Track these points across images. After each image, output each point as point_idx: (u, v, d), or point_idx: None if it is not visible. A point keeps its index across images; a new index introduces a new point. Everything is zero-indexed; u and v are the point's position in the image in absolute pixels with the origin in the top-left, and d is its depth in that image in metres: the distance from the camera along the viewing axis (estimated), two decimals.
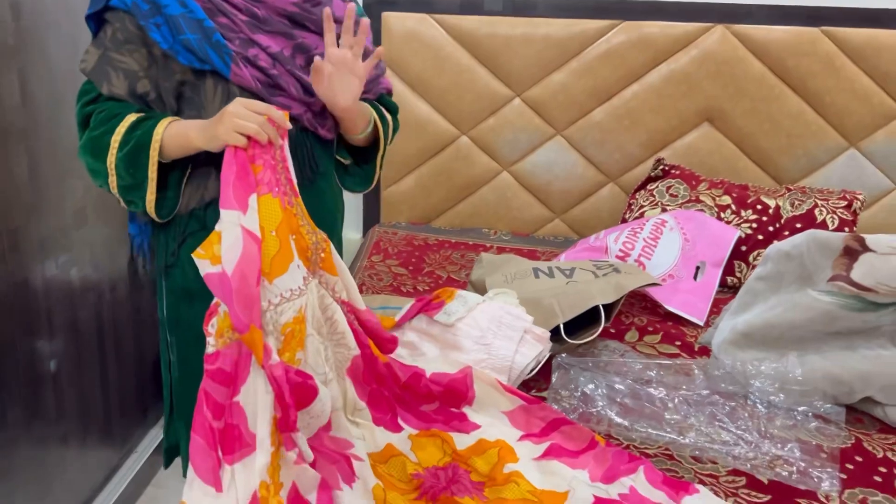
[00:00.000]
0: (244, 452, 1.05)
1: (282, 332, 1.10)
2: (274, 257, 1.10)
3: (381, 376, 1.26)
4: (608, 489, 1.17)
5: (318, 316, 1.18)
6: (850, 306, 1.46)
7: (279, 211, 1.11)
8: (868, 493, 1.24)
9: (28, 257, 1.56)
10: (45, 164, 1.60)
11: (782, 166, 2.35)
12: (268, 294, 1.10)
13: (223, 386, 1.06)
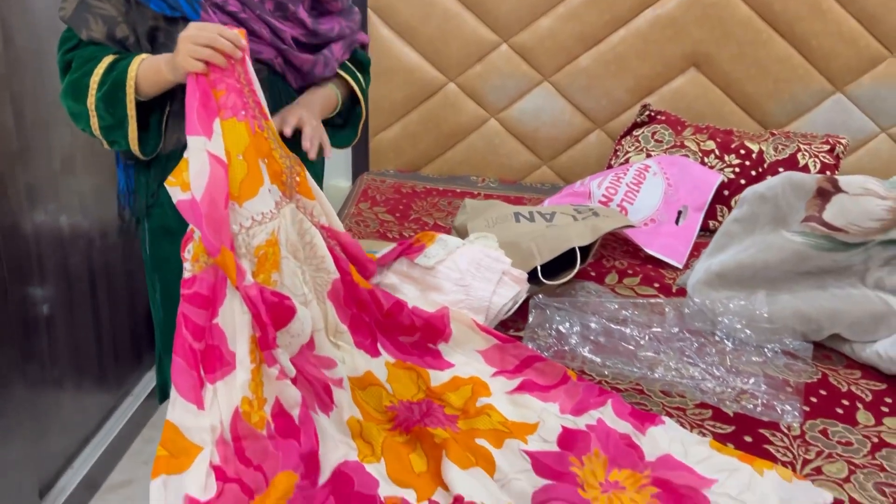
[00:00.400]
0: (225, 371, 1.08)
1: (255, 254, 1.12)
2: (242, 181, 1.11)
3: (363, 302, 1.29)
4: (576, 420, 1.21)
5: (293, 240, 1.20)
6: (822, 246, 1.49)
7: (245, 135, 1.12)
8: (829, 423, 1.29)
9: (16, 204, 1.59)
10: (29, 111, 1.61)
11: (768, 111, 2.36)
12: (238, 218, 1.11)
13: (201, 309, 1.09)
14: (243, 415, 1.06)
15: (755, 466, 1.14)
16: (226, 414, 1.06)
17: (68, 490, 1.79)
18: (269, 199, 1.15)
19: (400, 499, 1.05)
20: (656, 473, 1.12)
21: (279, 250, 1.16)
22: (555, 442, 1.17)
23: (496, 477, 1.08)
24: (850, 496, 1.12)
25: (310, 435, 1.09)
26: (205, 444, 1.04)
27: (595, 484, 1.10)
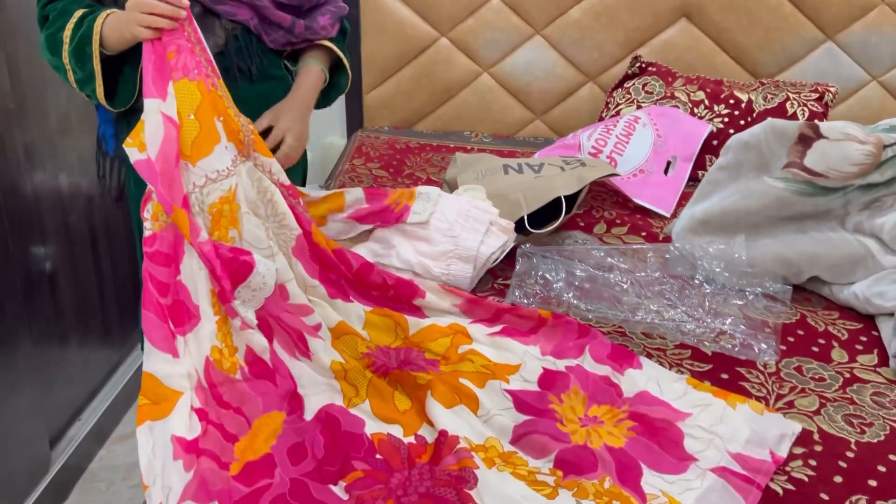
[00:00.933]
0: (192, 324, 1.13)
1: (209, 211, 1.15)
2: (195, 140, 1.14)
3: (327, 261, 1.31)
4: (556, 362, 1.26)
5: (252, 198, 1.22)
6: (803, 192, 1.52)
7: (198, 94, 1.14)
8: (804, 361, 1.34)
9: (14, 164, 1.63)
10: (24, 72, 1.64)
11: (759, 61, 2.36)
12: (192, 177, 1.14)
13: (164, 266, 1.13)
14: (215, 363, 1.11)
15: (728, 401, 1.18)
16: (198, 363, 1.11)
17: (77, 440, 1.86)
18: (225, 157, 1.17)
19: (386, 434, 1.10)
20: (633, 408, 1.17)
21: (237, 206, 1.18)
22: (535, 382, 1.22)
23: (479, 413, 1.13)
24: (820, 427, 1.17)
25: (285, 376, 1.14)
26: (184, 389, 1.09)
27: (574, 419, 1.15)
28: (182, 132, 1.13)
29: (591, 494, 1.02)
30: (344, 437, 1.09)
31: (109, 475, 1.89)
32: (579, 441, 1.10)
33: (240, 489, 1.01)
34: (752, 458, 1.08)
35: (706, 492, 1.03)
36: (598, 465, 1.06)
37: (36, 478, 1.73)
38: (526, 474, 1.04)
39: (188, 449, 1.04)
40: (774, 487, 1.05)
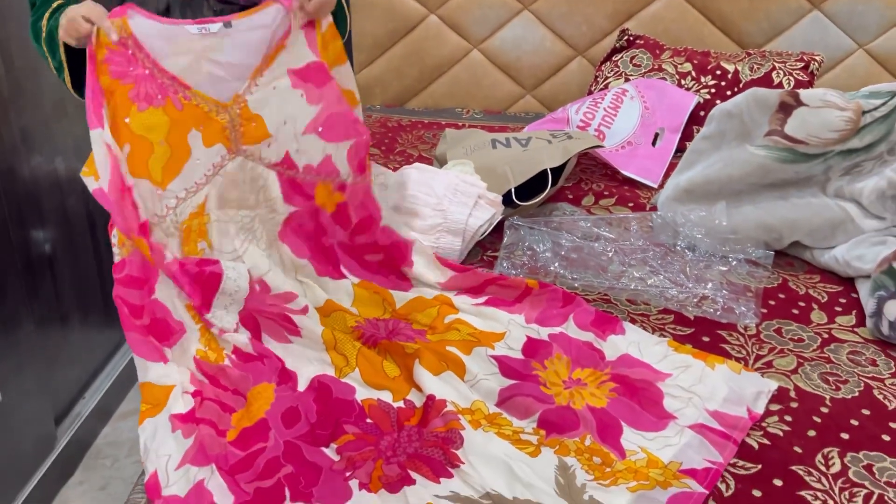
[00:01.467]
0: (176, 338, 1.19)
1: (181, 230, 1.20)
2: (165, 165, 1.17)
3: (325, 227, 1.33)
4: (540, 330, 1.30)
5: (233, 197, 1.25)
6: (784, 158, 1.55)
7: (165, 118, 1.16)
8: (784, 323, 1.37)
9: (11, 149, 1.66)
10: (17, 57, 1.66)
11: (745, 31, 2.38)
12: (164, 200, 1.18)
13: (136, 289, 1.18)
14: (202, 359, 1.17)
15: (707, 362, 1.23)
16: (189, 363, 1.18)
17: (81, 418, 1.90)
18: (197, 170, 1.20)
19: (376, 400, 1.15)
20: (615, 371, 1.21)
21: (205, 219, 1.22)
22: (519, 350, 1.26)
23: (466, 378, 1.17)
24: (797, 385, 1.21)
25: (271, 357, 1.19)
26: (176, 382, 1.16)
27: (558, 381, 1.19)
28: (153, 159, 1.16)
29: (573, 451, 1.06)
30: (336, 403, 1.14)
31: (114, 451, 1.94)
32: (563, 402, 1.15)
33: (236, 453, 1.05)
34: (728, 416, 1.12)
35: (684, 447, 1.07)
36: (580, 424, 1.11)
37: (42, 455, 1.77)
38: (510, 434, 1.08)
39: (185, 419, 1.10)
40: (750, 442, 1.10)
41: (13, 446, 1.66)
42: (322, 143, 1.31)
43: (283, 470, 1.04)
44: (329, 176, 1.33)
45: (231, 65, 1.24)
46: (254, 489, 1.02)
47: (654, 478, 1.02)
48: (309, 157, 1.31)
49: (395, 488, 1.02)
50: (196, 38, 1.21)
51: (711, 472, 1.04)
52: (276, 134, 1.28)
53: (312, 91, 1.28)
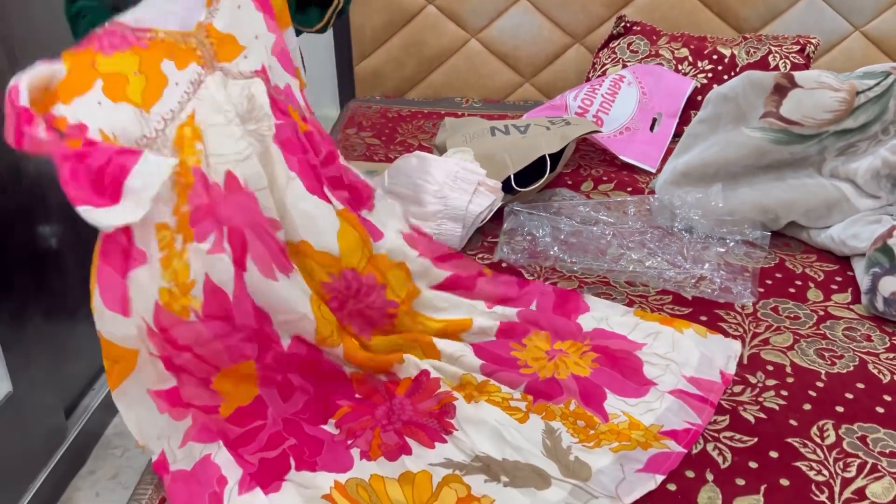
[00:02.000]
0: (131, 266, 1.05)
1: (174, 144, 1.10)
2: (143, 91, 1.09)
3: (305, 146, 1.24)
4: (506, 311, 1.32)
5: (223, 107, 1.15)
6: (779, 140, 1.57)
7: (135, 56, 1.10)
8: (780, 301, 1.39)
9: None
10: (20, 54, 1.68)
11: (742, 16, 2.39)
12: (151, 123, 1.09)
13: None
14: (165, 306, 1.05)
15: (675, 327, 1.28)
16: (147, 310, 1.05)
17: (91, 409, 1.93)
18: (176, 92, 1.12)
19: (363, 374, 1.17)
20: (595, 342, 1.25)
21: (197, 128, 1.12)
22: (493, 334, 1.29)
23: (443, 358, 1.21)
24: (792, 361, 1.23)
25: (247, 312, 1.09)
26: (136, 346, 1.06)
27: (541, 355, 1.23)
28: (130, 87, 1.08)
29: (559, 416, 1.11)
30: (324, 377, 1.15)
31: (123, 442, 1.97)
32: (547, 375, 1.19)
33: (234, 430, 1.07)
34: (704, 380, 1.18)
35: (665, 411, 1.12)
36: (564, 392, 1.14)
37: (53, 446, 1.80)
38: (500, 400, 1.12)
39: (172, 402, 1.07)
40: (747, 416, 1.12)
41: (25, 438, 1.69)
42: (282, 70, 1.27)
43: (286, 442, 1.07)
44: (293, 102, 1.27)
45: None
46: (258, 460, 1.04)
47: (635, 439, 1.07)
48: (277, 78, 1.25)
49: (394, 456, 1.06)
50: None
51: (691, 432, 1.09)
52: (249, 46, 1.21)
53: (268, 20, 1.25)
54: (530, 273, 1.50)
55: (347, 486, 1.03)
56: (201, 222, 1.07)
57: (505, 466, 1.04)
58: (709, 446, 1.07)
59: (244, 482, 1.01)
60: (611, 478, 1.02)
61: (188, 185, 1.07)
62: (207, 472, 1.03)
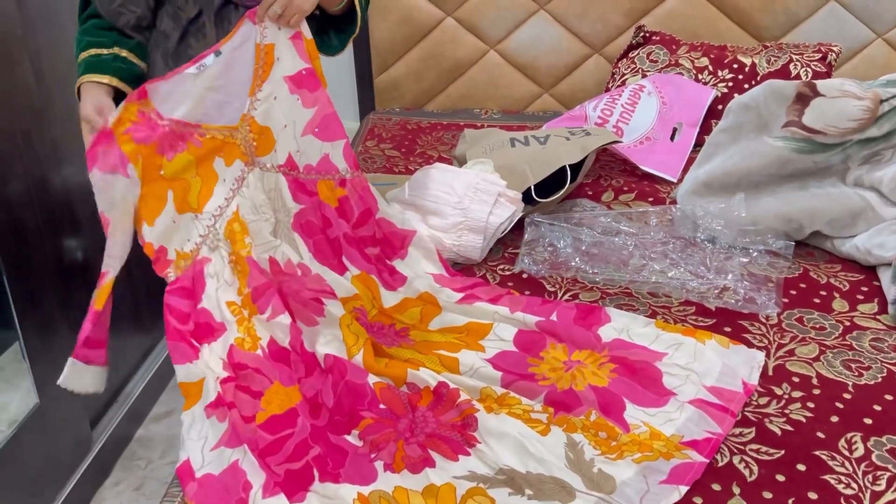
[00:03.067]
0: (218, 335, 1.25)
1: (226, 237, 1.30)
2: (199, 192, 1.30)
3: (329, 220, 1.39)
4: (526, 318, 1.33)
5: (261, 200, 1.34)
6: (802, 149, 1.56)
7: (191, 158, 1.29)
8: (805, 312, 1.38)
9: (43, 159, 1.71)
10: (47, 69, 1.72)
11: (762, 25, 2.38)
12: (204, 221, 1.30)
13: (185, 298, 1.26)
14: (237, 345, 1.22)
15: (697, 337, 1.27)
16: (222, 352, 1.22)
17: (115, 420, 1.95)
18: (225, 187, 1.32)
19: (386, 383, 1.18)
20: (613, 353, 1.25)
21: (244, 221, 1.31)
22: (511, 341, 1.30)
23: (462, 371, 1.22)
24: (819, 372, 1.22)
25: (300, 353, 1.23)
26: (205, 373, 1.20)
27: (558, 366, 1.24)
28: (191, 193, 1.30)
29: (580, 428, 1.12)
30: (348, 388, 1.17)
31: (148, 453, 1.98)
32: (564, 386, 1.19)
33: (265, 437, 1.09)
34: (725, 390, 1.17)
35: (685, 422, 1.12)
36: (583, 404, 1.15)
37: (79, 457, 1.82)
38: (521, 413, 1.12)
39: (217, 405, 1.14)
40: (773, 428, 1.11)
41: (51, 449, 1.71)
42: (319, 142, 1.39)
43: (311, 452, 1.08)
44: (329, 173, 1.41)
45: (228, 85, 1.33)
46: (284, 471, 1.06)
47: (657, 449, 1.07)
48: (308, 157, 1.39)
49: (418, 469, 1.07)
50: (196, 78, 1.30)
51: (712, 441, 1.08)
52: (278, 138, 1.36)
53: (307, 95, 1.37)
54: (552, 284, 1.50)
55: (371, 498, 1.03)
56: (260, 299, 1.26)
57: (529, 479, 1.03)
58: (735, 459, 1.06)
59: (268, 486, 1.04)
60: (635, 490, 1.02)
61: (245, 272, 1.28)
62: (235, 478, 1.06)
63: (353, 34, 1.55)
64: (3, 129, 1.54)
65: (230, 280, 1.29)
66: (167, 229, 1.29)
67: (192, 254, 1.31)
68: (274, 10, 1.33)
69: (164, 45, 1.40)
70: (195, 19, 1.37)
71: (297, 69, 1.36)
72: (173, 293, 1.27)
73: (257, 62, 1.33)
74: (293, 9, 1.33)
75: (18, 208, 1.58)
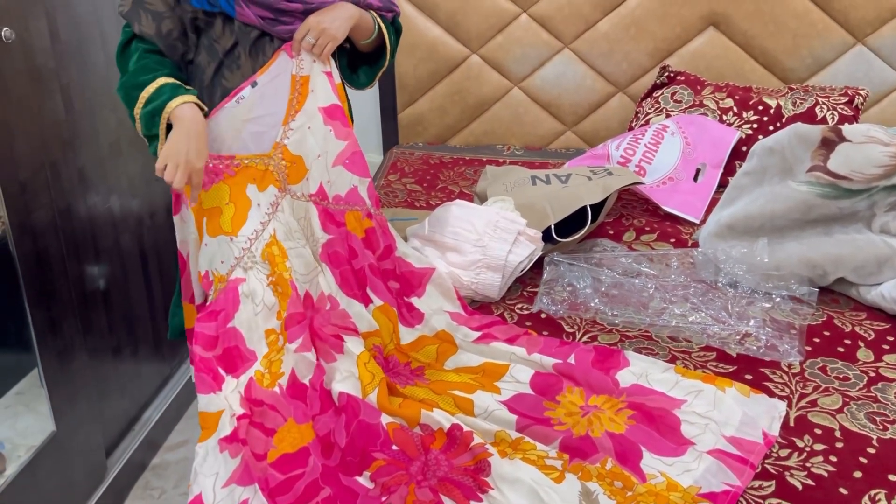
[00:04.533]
0: (246, 367, 1.25)
1: (263, 259, 1.32)
2: (233, 218, 1.33)
3: (355, 250, 1.41)
4: (543, 360, 1.32)
5: (294, 227, 1.36)
6: (827, 194, 1.54)
7: (225, 187, 1.34)
8: (829, 361, 1.35)
9: (69, 187, 1.73)
10: (77, 101, 1.75)
11: (789, 67, 2.37)
12: (238, 244, 1.33)
13: (212, 321, 1.27)
14: (256, 381, 1.23)
15: (717, 385, 1.25)
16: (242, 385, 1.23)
17: (131, 449, 1.95)
18: (259, 212, 1.35)
19: (399, 424, 1.17)
20: (631, 399, 1.23)
21: (281, 245, 1.34)
22: (528, 383, 1.29)
23: (477, 413, 1.21)
24: (842, 425, 1.19)
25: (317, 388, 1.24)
26: (224, 406, 1.21)
27: (575, 410, 1.22)
28: (223, 217, 1.34)
29: (595, 476, 1.09)
30: (361, 427, 1.16)
31: (162, 483, 1.98)
32: (581, 432, 1.17)
33: (276, 476, 1.08)
34: (745, 441, 1.14)
35: (703, 473, 1.09)
36: (599, 451, 1.12)
37: (94, 484, 1.82)
38: (535, 459, 1.10)
39: (231, 440, 1.14)
40: (793, 482, 1.08)
41: (66, 476, 1.71)
42: (349, 174, 1.43)
43: (321, 493, 1.08)
44: (356, 204, 1.44)
45: (265, 116, 1.37)
46: None
47: (674, 501, 1.05)
48: (337, 188, 1.42)
49: None
50: (234, 110, 1.36)
51: (730, 495, 1.05)
52: (311, 168, 1.39)
53: (339, 128, 1.41)
54: (570, 325, 1.48)
55: None
56: (293, 327, 1.28)
57: None
58: None
59: None
60: None
61: (287, 294, 1.29)
62: None
63: (382, 68, 1.57)
64: (32, 161, 1.57)
65: (270, 303, 1.30)
66: (203, 252, 1.34)
67: (227, 275, 1.34)
68: (308, 39, 1.37)
69: (199, 78, 1.43)
70: (230, 51, 1.40)
71: (330, 102, 1.40)
72: (202, 319, 1.28)
73: (292, 92, 1.37)
74: (326, 37, 1.37)
75: (43, 236, 1.60)
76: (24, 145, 1.54)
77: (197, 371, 1.25)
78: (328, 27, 1.36)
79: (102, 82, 1.82)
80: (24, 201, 1.54)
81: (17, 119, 1.51)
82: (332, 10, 1.39)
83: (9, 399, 1.70)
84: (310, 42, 1.37)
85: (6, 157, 1.49)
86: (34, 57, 1.58)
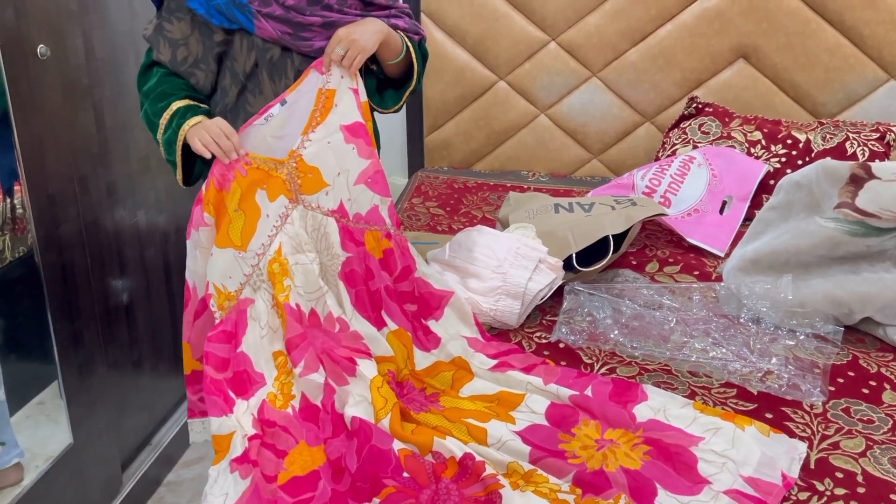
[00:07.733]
0: (255, 389, 1.27)
1: (268, 277, 1.32)
2: (242, 229, 1.33)
3: (373, 271, 1.41)
4: (559, 391, 1.30)
5: (304, 239, 1.35)
6: (854, 232, 1.52)
7: (237, 188, 1.33)
8: (853, 402, 1.32)
9: (97, 202, 1.76)
10: (108, 117, 1.78)
11: (819, 101, 2.35)
12: (248, 259, 1.33)
13: (225, 343, 1.28)
14: (269, 402, 1.24)
15: (736, 423, 1.22)
16: (254, 408, 1.24)
17: (147, 464, 1.96)
18: (268, 223, 1.35)
19: (410, 451, 1.16)
20: (647, 434, 1.20)
21: (284, 261, 1.34)
22: (543, 414, 1.27)
23: (490, 443, 1.19)
24: (864, 469, 1.16)
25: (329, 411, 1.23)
26: (236, 428, 1.22)
27: (590, 444, 1.20)
28: (232, 227, 1.33)
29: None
30: (372, 452, 1.15)
31: (176, 499, 1.98)
32: (595, 466, 1.15)
33: (285, 499, 1.08)
34: (763, 482, 1.12)
35: None
36: (613, 486, 1.10)
37: (108, 498, 1.83)
38: (547, 492, 1.09)
39: (241, 461, 1.15)
40: None
41: (82, 488, 1.72)
42: (371, 193, 1.43)
43: None
44: (376, 224, 1.44)
45: (292, 134, 1.38)
46: None
47: None
48: (358, 206, 1.42)
49: None
50: (263, 127, 1.37)
51: None
52: (332, 184, 1.38)
53: (363, 147, 1.41)
54: (588, 356, 1.47)
55: None
56: (293, 351, 1.28)
57: None
58: None
59: None
60: None
61: (283, 316, 1.29)
62: None
63: (408, 90, 1.58)
64: (63, 174, 1.59)
65: (275, 326, 1.31)
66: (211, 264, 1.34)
67: (237, 294, 1.34)
68: (337, 52, 1.37)
69: (222, 102, 1.45)
70: (252, 74, 1.41)
71: (353, 120, 1.40)
72: (213, 339, 1.29)
73: (316, 105, 1.37)
74: (356, 49, 1.37)
75: (69, 249, 1.62)
76: (54, 159, 1.57)
77: (208, 394, 1.25)
78: (358, 38, 1.36)
79: (135, 100, 1.84)
80: (52, 214, 1.56)
81: (49, 133, 1.54)
82: (362, 24, 1.39)
83: (30, 409, 1.72)
84: (339, 54, 1.37)
85: (37, 170, 1.52)
86: (69, 73, 1.62)
